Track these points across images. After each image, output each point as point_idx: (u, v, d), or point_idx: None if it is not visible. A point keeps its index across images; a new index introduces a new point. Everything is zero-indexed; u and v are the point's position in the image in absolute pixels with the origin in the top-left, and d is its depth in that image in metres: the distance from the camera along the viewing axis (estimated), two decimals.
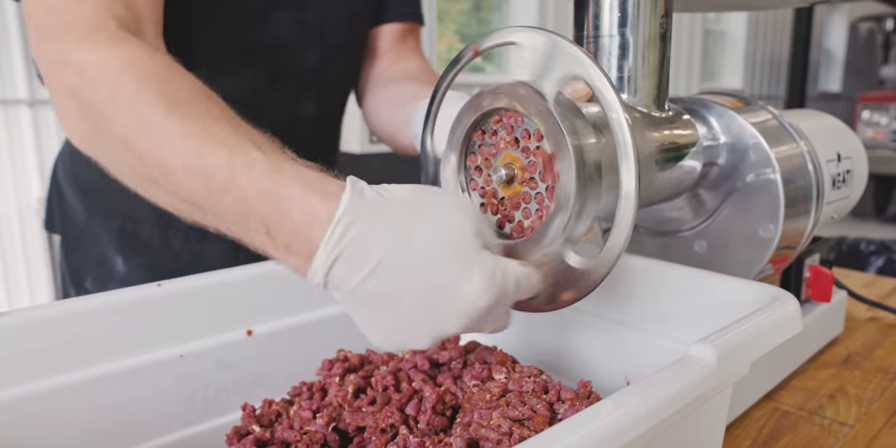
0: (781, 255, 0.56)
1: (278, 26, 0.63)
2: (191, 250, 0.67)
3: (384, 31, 0.75)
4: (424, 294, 0.32)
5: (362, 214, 0.33)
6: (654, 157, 0.47)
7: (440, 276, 0.32)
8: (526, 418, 0.36)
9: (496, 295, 0.33)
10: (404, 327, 0.34)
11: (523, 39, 0.37)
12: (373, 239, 0.32)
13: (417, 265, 0.32)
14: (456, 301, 0.32)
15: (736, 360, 0.34)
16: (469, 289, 0.32)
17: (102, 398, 0.42)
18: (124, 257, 0.67)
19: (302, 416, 0.43)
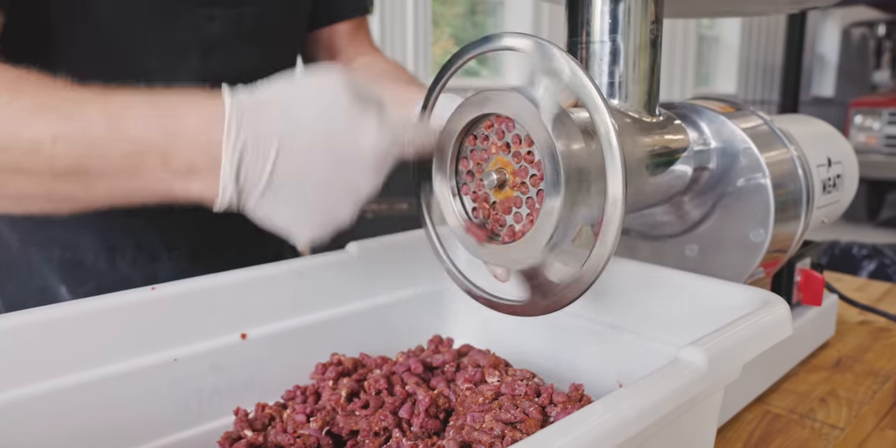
0: (772, 259, 0.56)
1: (210, 24, 0.59)
2: (141, 272, 0.64)
3: (339, 30, 0.73)
4: (329, 163, 0.34)
5: (248, 107, 0.34)
6: (645, 162, 0.47)
7: (336, 140, 0.34)
8: (518, 421, 0.37)
9: (386, 143, 0.35)
10: (326, 204, 0.35)
11: (512, 45, 0.37)
12: (266, 125, 0.34)
13: (312, 137, 0.34)
14: (359, 156, 0.34)
15: (726, 363, 0.34)
16: (365, 140, 0.34)
17: (96, 402, 0.42)
18: (69, 286, 0.64)
19: (295, 420, 0.43)
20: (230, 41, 0.60)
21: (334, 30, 0.73)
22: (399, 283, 0.57)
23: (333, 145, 0.34)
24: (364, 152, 0.34)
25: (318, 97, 0.35)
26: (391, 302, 0.56)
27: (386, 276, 0.56)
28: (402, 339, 0.56)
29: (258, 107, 0.34)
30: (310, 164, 0.34)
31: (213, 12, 0.58)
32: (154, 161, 0.34)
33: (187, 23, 0.57)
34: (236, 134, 0.33)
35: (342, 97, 0.35)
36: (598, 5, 0.47)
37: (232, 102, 0.34)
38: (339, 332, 0.54)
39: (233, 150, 0.33)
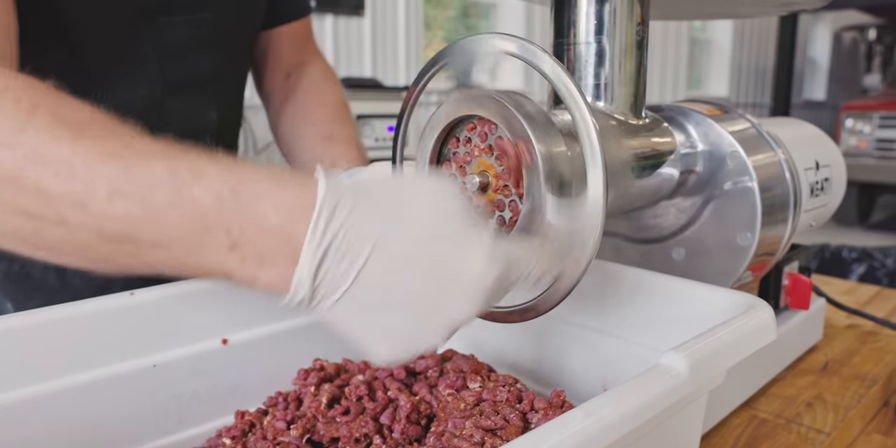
0: (760, 263, 0.56)
1: (169, 31, 0.57)
2: (96, 285, 0.61)
3: (282, 34, 0.72)
4: (428, 280, 0.29)
5: (345, 199, 0.29)
6: (631, 165, 0.47)
7: (441, 257, 0.29)
8: (498, 428, 0.36)
9: (500, 270, 0.30)
10: (414, 324, 0.30)
11: (497, 47, 0.37)
12: (361, 224, 0.29)
13: (414, 247, 0.29)
14: (463, 281, 0.29)
15: (708, 368, 0.34)
16: (474, 266, 0.29)
17: (74, 409, 0.41)
18: (15, 302, 0.61)
19: (276, 427, 0.43)
20: (188, 47, 0.59)
21: (275, 34, 0.73)
22: None
23: (436, 261, 0.29)
24: (470, 276, 0.29)
25: (431, 203, 0.30)
26: None
27: None
28: None
29: (357, 197, 0.29)
30: (403, 277, 0.29)
31: (171, 19, 0.58)
32: (221, 243, 0.29)
33: (146, 31, 0.57)
34: (325, 226, 0.28)
35: (457, 210, 0.30)
36: (583, 7, 0.47)
37: (328, 187, 0.29)
38: (321, 337, 0.53)
39: (318, 245, 0.28)
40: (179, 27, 0.58)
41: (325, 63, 0.76)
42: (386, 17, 3.28)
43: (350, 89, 2.74)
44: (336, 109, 0.70)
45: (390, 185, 0.31)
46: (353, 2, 3.10)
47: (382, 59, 3.29)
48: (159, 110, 0.60)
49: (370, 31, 3.21)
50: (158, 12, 0.56)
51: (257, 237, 0.29)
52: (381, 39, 3.27)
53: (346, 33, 3.15)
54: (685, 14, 0.64)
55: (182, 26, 0.58)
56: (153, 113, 0.60)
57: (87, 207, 0.29)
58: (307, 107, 0.69)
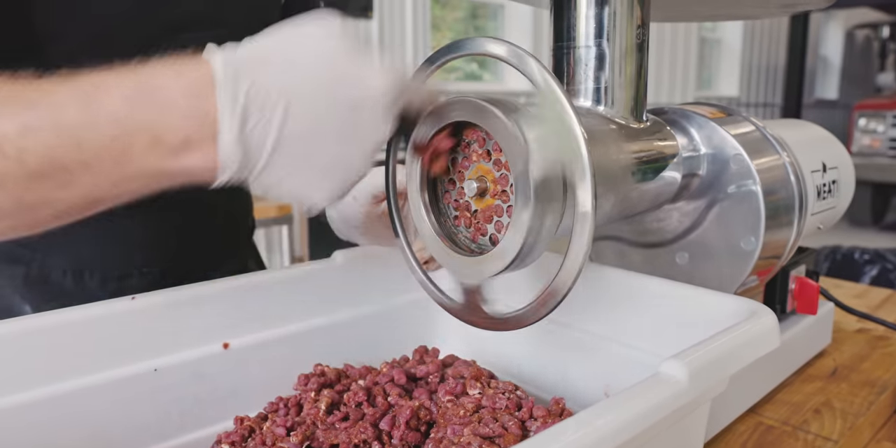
0: (765, 267, 0.55)
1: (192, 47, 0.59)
2: (109, 290, 0.61)
3: None
4: (340, 110, 0.31)
5: (242, 65, 0.31)
6: (632, 169, 0.46)
7: (343, 87, 0.31)
8: (497, 435, 0.36)
9: (392, 83, 0.32)
10: (340, 157, 0.32)
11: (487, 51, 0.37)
12: (266, 78, 0.30)
13: (320, 81, 0.31)
14: (368, 99, 0.32)
15: (709, 376, 0.33)
16: (372, 83, 0.32)
17: (75, 412, 0.42)
18: (34, 305, 0.61)
19: (275, 433, 0.43)
20: None
21: None
22: (385, 292, 0.57)
23: (342, 90, 0.31)
24: (374, 94, 0.32)
25: (319, 42, 0.32)
26: (377, 311, 0.56)
27: (372, 285, 0.56)
28: (388, 349, 0.55)
29: (252, 62, 0.31)
30: (317, 118, 0.31)
31: (187, 37, 0.58)
32: (142, 141, 0.30)
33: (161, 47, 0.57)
34: (233, 96, 0.30)
35: (344, 40, 0.32)
36: (583, 9, 0.47)
37: (223, 61, 0.31)
38: (323, 342, 0.53)
39: (231, 114, 0.30)
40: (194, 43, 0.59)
41: None
42: (394, 18, 3.28)
43: None
44: None
45: (277, 40, 0.33)
46: (362, 3, 3.11)
47: None
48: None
49: (378, 32, 3.21)
50: (181, 29, 0.57)
51: (174, 123, 0.30)
52: (389, 41, 3.28)
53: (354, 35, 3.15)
54: (687, 16, 0.63)
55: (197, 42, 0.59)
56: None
57: (2, 153, 0.29)
58: None
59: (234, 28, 0.61)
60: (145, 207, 0.35)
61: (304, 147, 0.31)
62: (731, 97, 5.59)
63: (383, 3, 3.22)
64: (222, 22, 0.60)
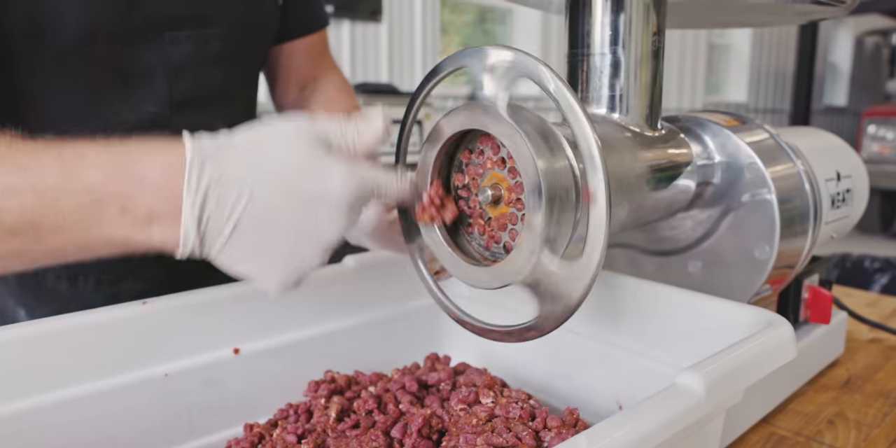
0: (779, 276, 0.55)
1: (176, 46, 0.58)
2: (104, 294, 0.63)
3: (297, 48, 0.72)
4: (298, 208, 0.33)
5: (210, 152, 0.33)
6: (646, 177, 0.46)
7: (305, 187, 0.33)
8: (510, 446, 0.35)
9: (356, 185, 0.34)
10: (294, 251, 0.34)
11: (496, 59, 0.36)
12: (230, 168, 0.33)
13: (279, 177, 0.33)
14: (327, 202, 0.33)
15: (725, 388, 0.33)
16: (333, 187, 0.33)
17: (85, 417, 0.42)
18: (28, 308, 0.62)
19: (285, 440, 0.43)
20: (196, 64, 0.60)
21: (289, 48, 0.72)
22: (396, 298, 0.56)
23: (299, 188, 0.33)
24: (331, 195, 0.33)
25: (282, 140, 0.34)
26: (388, 317, 0.56)
27: (383, 290, 0.56)
28: (399, 356, 0.55)
29: (220, 152, 0.33)
30: (274, 209, 0.33)
31: (179, 36, 0.58)
32: (112, 210, 0.32)
33: (153, 47, 0.57)
34: (198, 179, 0.32)
35: (306, 140, 0.34)
36: (598, 16, 0.47)
37: (194, 148, 0.33)
38: (334, 348, 0.53)
39: (194, 196, 0.32)
40: (186, 43, 0.58)
41: (341, 76, 0.75)
42: (403, 22, 3.29)
43: (366, 95, 2.75)
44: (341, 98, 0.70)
45: (247, 135, 0.35)
46: (371, 7, 3.12)
47: (399, 64, 3.30)
48: (167, 126, 0.60)
49: (387, 36, 3.22)
50: (164, 28, 0.57)
51: (143, 196, 0.32)
52: (398, 45, 3.28)
53: (364, 39, 3.16)
54: (702, 23, 0.63)
55: (189, 42, 0.59)
56: (161, 129, 0.60)
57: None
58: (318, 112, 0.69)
59: (224, 27, 0.61)
60: None
61: (260, 236, 0.33)
62: (739, 103, 5.57)
63: (392, 6, 3.23)
64: (212, 21, 0.60)
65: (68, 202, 0.32)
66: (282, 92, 0.75)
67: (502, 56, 0.36)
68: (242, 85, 0.68)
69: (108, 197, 0.32)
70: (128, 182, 0.32)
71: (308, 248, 0.34)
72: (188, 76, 0.60)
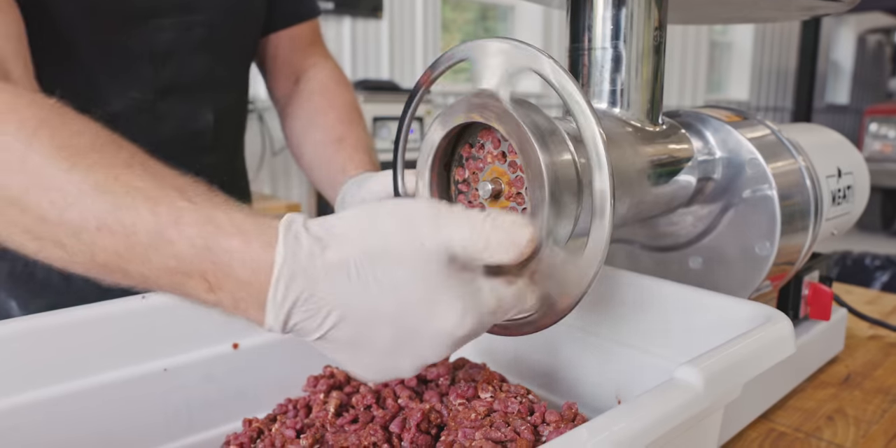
0: (779, 272, 0.55)
1: (160, 33, 0.58)
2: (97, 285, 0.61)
3: (286, 37, 0.72)
4: (398, 333, 0.30)
5: (302, 264, 0.29)
6: (647, 172, 0.46)
7: (411, 313, 0.29)
8: (508, 440, 0.35)
9: (474, 322, 0.30)
10: (385, 365, 0.31)
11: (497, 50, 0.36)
12: (322, 287, 0.29)
13: (382, 305, 0.29)
14: (433, 334, 0.30)
15: (724, 383, 0.33)
16: (445, 321, 0.29)
17: (84, 412, 0.42)
18: (20, 301, 0.62)
19: (284, 435, 0.43)
20: (181, 50, 0.59)
21: (278, 37, 0.72)
22: None
23: (405, 322, 0.29)
24: (440, 333, 0.30)
25: (400, 254, 0.29)
26: None
27: None
28: None
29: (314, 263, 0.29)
30: (371, 335, 0.30)
31: (162, 22, 0.58)
32: (199, 286, 0.30)
33: (138, 33, 0.57)
34: (283, 296, 0.29)
35: (432, 259, 0.29)
36: (600, 11, 0.46)
37: (285, 258, 0.29)
38: None
39: (277, 312, 0.29)
40: (170, 30, 0.58)
41: (336, 66, 0.75)
42: (404, 19, 3.28)
43: (367, 91, 2.74)
44: (346, 113, 0.69)
45: (354, 232, 0.30)
46: (372, 4, 3.11)
47: (400, 61, 3.30)
48: (152, 112, 0.60)
49: (388, 33, 3.21)
50: (148, 14, 0.56)
51: (229, 286, 0.30)
52: (399, 41, 3.28)
53: (364, 35, 3.16)
54: (705, 18, 0.63)
55: (173, 28, 0.58)
56: (146, 115, 0.60)
57: (81, 236, 0.30)
58: (316, 111, 0.69)
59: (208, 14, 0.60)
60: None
61: (350, 348, 0.30)
62: (740, 101, 5.56)
63: (393, 3, 3.22)
64: (195, 8, 0.59)
65: (157, 263, 0.30)
66: (274, 84, 0.75)
67: (503, 48, 0.35)
68: (231, 74, 0.68)
69: (196, 273, 0.30)
70: (217, 268, 0.30)
71: (402, 367, 0.31)
72: (172, 63, 0.59)
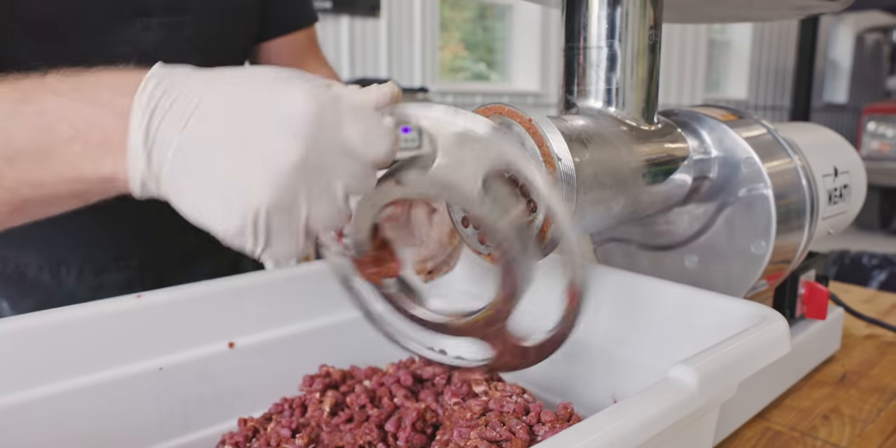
0: (775, 271, 0.55)
1: (147, 33, 0.57)
2: (87, 285, 0.62)
3: (281, 45, 0.71)
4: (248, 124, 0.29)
5: (172, 73, 0.30)
6: (642, 171, 0.46)
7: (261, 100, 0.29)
8: (504, 439, 0.35)
9: (318, 103, 0.29)
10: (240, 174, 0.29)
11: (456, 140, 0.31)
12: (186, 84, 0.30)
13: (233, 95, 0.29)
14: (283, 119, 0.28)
15: (719, 382, 0.33)
16: (294, 103, 0.29)
17: (79, 411, 0.41)
18: (11, 300, 0.62)
19: (280, 434, 0.43)
20: (169, 50, 0.59)
21: (277, 44, 0.71)
22: None
23: (252, 106, 0.29)
24: (287, 114, 0.28)
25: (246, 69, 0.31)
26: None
27: None
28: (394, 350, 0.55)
29: (183, 73, 0.30)
30: (225, 124, 0.29)
31: (150, 22, 0.57)
32: (63, 136, 0.29)
33: (123, 33, 0.56)
34: (150, 92, 0.29)
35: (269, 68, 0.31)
36: (595, 10, 0.46)
37: (158, 70, 0.30)
38: (329, 342, 0.53)
39: (142, 113, 0.29)
40: (158, 29, 0.58)
41: (333, 73, 0.75)
42: (402, 18, 3.28)
43: None
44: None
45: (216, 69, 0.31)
46: (370, 3, 3.11)
47: (398, 60, 3.29)
48: None
49: (386, 32, 3.21)
50: (135, 13, 0.56)
51: (94, 118, 0.29)
52: (397, 41, 3.27)
53: (363, 34, 3.15)
54: (699, 17, 0.63)
55: (160, 28, 0.58)
56: None
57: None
58: None
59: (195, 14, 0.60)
60: (121, 199, 0.33)
61: (199, 155, 0.29)
62: (739, 100, 5.56)
63: (392, 2, 3.22)
64: (183, 8, 0.59)
65: (21, 128, 0.29)
66: None
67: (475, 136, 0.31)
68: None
69: (59, 121, 0.29)
70: (80, 104, 0.29)
71: (251, 174, 0.28)
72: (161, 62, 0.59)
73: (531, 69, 3.87)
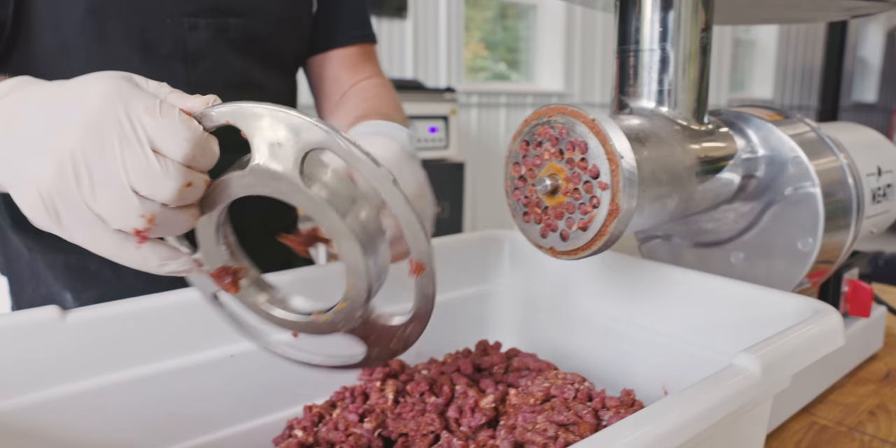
0: (820, 269, 0.56)
1: (194, 34, 0.59)
2: (144, 277, 0.60)
3: (335, 57, 0.73)
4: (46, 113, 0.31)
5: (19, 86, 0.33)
6: (694, 169, 0.47)
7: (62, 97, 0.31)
8: (571, 423, 0.37)
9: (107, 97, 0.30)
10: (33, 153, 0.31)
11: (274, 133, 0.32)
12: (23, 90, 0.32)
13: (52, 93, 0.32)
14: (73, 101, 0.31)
15: (779, 371, 0.34)
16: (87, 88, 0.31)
17: (154, 395, 0.44)
18: (73, 292, 0.64)
19: (347, 419, 0.45)
20: (216, 50, 0.61)
21: (330, 57, 0.73)
22: (443, 286, 0.58)
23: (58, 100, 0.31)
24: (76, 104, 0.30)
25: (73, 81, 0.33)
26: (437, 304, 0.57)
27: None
28: (446, 343, 0.57)
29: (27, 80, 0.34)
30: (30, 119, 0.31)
31: (197, 22, 0.59)
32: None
33: (170, 31, 0.58)
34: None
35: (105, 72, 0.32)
36: (648, 13, 0.48)
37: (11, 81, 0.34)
38: None
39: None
40: (206, 29, 0.60)
41: (385, 81, 0.75)
42: (428, 18, 3.30)
43: None
44: (378, 102, 0.68)
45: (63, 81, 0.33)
46: (397, 4, 3.14)
47: (424, 60, 3.32)
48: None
49: (412, 32, 3.24)
50: (183, 13, 0.58)
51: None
52: (423, 41, 3.30)
53: (389, 35, 3.18)
54: (748, 19, 0.64)
55: (208, 29, 0.60)
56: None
57: None
58: (350, 105, 0.69)
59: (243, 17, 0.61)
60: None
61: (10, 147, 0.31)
62: (764, 99, 5.50)
63: (417, 3, 3.25)
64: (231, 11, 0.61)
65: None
66: (321, 103, 0.76)
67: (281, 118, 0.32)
68: (271, 80, 0.69)
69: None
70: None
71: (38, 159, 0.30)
72: (206, 62, 0.61)
73: (555, 69, 3.87)
